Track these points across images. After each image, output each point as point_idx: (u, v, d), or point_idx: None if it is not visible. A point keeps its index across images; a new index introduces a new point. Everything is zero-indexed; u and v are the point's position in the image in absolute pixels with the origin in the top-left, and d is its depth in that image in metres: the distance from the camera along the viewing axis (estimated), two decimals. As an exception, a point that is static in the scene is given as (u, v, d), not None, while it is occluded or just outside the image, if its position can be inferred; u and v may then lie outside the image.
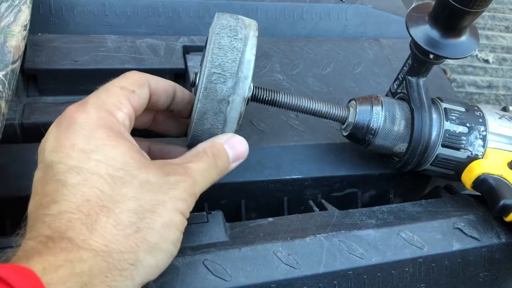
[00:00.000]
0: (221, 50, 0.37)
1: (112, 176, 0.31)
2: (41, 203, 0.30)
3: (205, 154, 0.37)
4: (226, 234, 0.39)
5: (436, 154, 0.46)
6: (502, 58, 1.50)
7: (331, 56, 0.63)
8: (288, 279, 0.37)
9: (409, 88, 0.48)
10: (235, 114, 0.38)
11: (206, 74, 0.37)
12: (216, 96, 0.37)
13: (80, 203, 0.29)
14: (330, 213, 0.44)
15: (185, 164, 0.35)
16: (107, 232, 0.29)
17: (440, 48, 0.44)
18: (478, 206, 0.46)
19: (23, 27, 0.45)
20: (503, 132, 0.47)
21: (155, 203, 0.31)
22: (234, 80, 0.37)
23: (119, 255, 0.29)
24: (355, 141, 0.47)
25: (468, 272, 0.42)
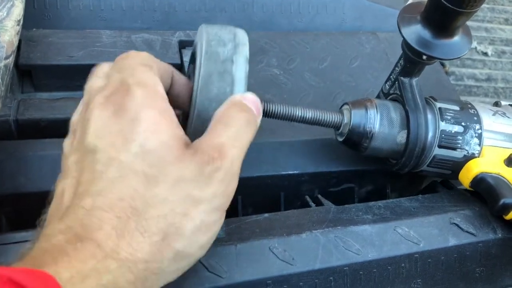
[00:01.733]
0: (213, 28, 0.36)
1: (146, 175, 0.29)
2: (75, 191, 0.29)
3: (230, 116, 0.33)
4: (222, 230, 0.38)
5: (433, 155, 0.46)
6: (501, 51, 1.50)
7: (328, 50, 0.62)
8: (284, 275, 0.37)
9: (403, 89, 0.47)
10: (241, 73, 0.36)
11: (204, 41, 0.35)
12: (219, 57, 0.35)
13: (114, 202, 0.28)
14: (326, 208, 0.44)
15: (217, 141, 0.32)
16: (133, 239, 0.27)
17: (432, 48, 0.44)
18: (475, 201, 0.46)
19: (17, 22, 0.44)
20: (498, 129, 0.47)
21: (188, 204, 0.29)
22: (233, 44, 0.36)
23: (143, 265, 0.28)
24: (351, 146, 0.47)
25: (465, 267, 0.42)
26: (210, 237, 0.31)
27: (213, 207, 0.30)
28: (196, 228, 0.30)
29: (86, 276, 0.25)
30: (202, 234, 0.30)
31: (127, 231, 0.27)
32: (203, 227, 0.30)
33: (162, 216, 0.29)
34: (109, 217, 0.27)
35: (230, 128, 0.32)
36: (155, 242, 0.28)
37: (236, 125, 0.33)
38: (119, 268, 0.27)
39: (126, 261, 0.27)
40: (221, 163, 0.31)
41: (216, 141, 0.32)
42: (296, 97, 0.56)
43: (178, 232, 0.29)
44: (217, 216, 0.31)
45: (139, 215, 0.28)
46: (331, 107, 0.56)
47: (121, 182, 0.28)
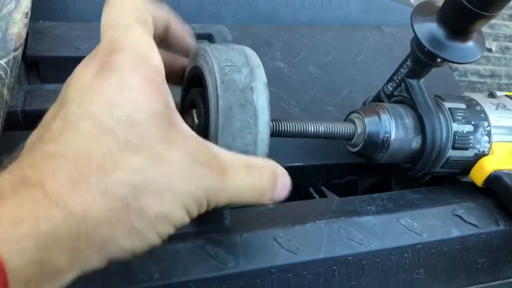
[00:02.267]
0: (221, 51, 0.34)
1: (127, 141, 0.26)
2: (41, 137, 0.27)
3: (260, 172, 0.32)
4: (227, 220, 0.39)
5: (447, 157, 0.45)
6: (505, 47, 1.49)
7: (332, 44, 0.62)
8: (288, 264, 0.37)
9: (412, 92, 0.46)
10: (263, 101, 0.33)
11: (216, 68, 0.33)
12: (237, 86, 0.32)
13: (80, 155, 0.25)
14: (330, 200, 0.44)
15: (226, 164, 0.30)
16: (90, 195, 0.24)
17: (446, 50, 0.42)
18: (477, 193, 0.46)
19: (25, 14, 0.45)
20: (503, 123, 0.46)
21: (163, 187, 0.27)
22: (249, 69, 0.33)
23: (93, 224, 0.25)
24: (366, 156, 0.45)
25: (467, 258, 0.43)
26: (170, 231, 0.28)
27: (185, 206, 0.28)
28: (162, 216, 0.27)
29: (19, 220, 0.23)
30: (164, 226, 0.28)
31: (84, 183, 0.25)
32: (168, 219, 0.28)
33: (131, 185, 0.26)
34: (68, 166, 0.25)
35: (249, 177, 0.31)
36: (114, 208, 0.25)
37: (254, 183, 0.31)
38: (63, 220, 0.24)
39: (75, 214, 0.24)
40: (215, 180, 0.29)
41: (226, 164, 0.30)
42: (300, 90, 0.57)
43: (142, 210, 0.26)
44: (184, 218, 0.29)
45: (105, 174, 0.25)
46: (336, 101, 0.56)
47: (94, 139, 0.26)
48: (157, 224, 0.27)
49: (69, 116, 0.26)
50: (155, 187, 0.27)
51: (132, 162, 0.26)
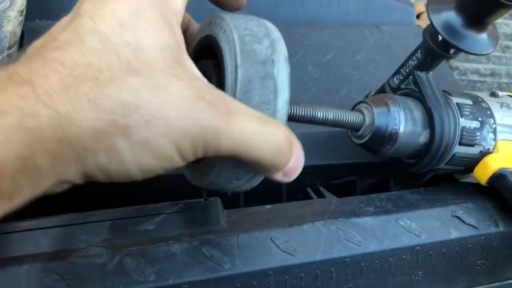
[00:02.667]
0: (240, 20, 0.31)
1: (130, 63, 0.26)
2: (46, 44, 0.26)
3: (276, 128, 0.29)
4: (224, 221, 0.39)
5: (453, 153, 0.44)
6: (506, 46, 1.49)
7: (331, 43, 0.62)
8: (285, 266, 0.37)
9: (421, 85, 0.45)
10: (284, 76, 0.30)
11: (236, 36, 0.30)
12: (258, 58, 0.30)
13: (80, 65, 0.25)
14: (328, 200, 0.44)
15: (235, 108, 0.28)
16: (78, 102, 0.24)
17: (462, 40, 0.41)
18: (477, 195, 0.46)
19: (19, 12, 0.44)
20: (508, 122, 0.46)
21: (156, 115, 0.26)
22: (270, 41, 0.30)
23: (77, 131, 0.24)
24: (371, 148, 0.44)
25: (466, 260, 0.42)
26: (154, 166, 0.27)
27: (177, 140, 0.27)
28: (146, 144, 0.26)
29: (5, 112, 0.23)
30: (148, 156, 0.26)
31: (76, 89, 0.24)
32: (153, 150, 0.26)
33: (122, 102, 0.25)
34: (63, 72, 0.25)
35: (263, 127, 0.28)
36: (99, 120, 0.25)
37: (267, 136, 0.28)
38: (49, 118, 0.24)
39: (61, 115, 0.24)
40: (219, 121, 0.27)
41: (235, 106, 0.28)
42: (299, 89, 0.56)
43: (127, 131, 0.25)
44: (175, 153, 0.27)
45: (98, 85, 0.25)
46: (334, 100, 0.56)
47: (97, 55, 0.26)
48: (139, 152, 0.26)
49: (79, 28, 0.26)
50: (147, 113, 0.26)
51: (129, 82, 0.26)
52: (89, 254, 0.34)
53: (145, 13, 0.27)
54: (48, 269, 0.33)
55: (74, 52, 0.25)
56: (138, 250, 0.35)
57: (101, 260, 0.34)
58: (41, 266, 0.33)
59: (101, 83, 0.25)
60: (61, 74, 0.25)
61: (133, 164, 0.26)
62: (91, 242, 0.36)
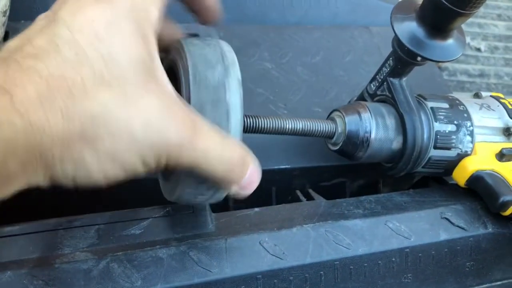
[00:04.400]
0: (196, 47, 0.33)
1: (103, 77, 0.27)
2: (22, 47, 0.27)
3: (233, 147, 0.31)
4: (212, 225, 0.38)
5: (428, 157, 0.45)
6: (494, 47, 1.50)
7: (320, 44, 0.62)
8: (274, 270, 0.36)
9: (394, 91, 0.46)
10: (236, 100, 0.32)
11: (190, 65, 0.32)
12: (210, 83, 0.32)
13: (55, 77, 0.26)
14: (317, 203, 0.44)
15: (201, 125, 0.30)
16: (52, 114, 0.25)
17: (426, 49, 0.42)
18: (466, 196, 0.46)
19: (3, 13, 0.44)
20: (486, 123, 0.46)
21: (123, 130, 0.27)
22: (223, 66, 0.32)
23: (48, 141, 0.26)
24: (346, 154, 0.45)
25: (455, 261, 0.42)
26: (119, 174, 0.28)
27: (142, 153, 0.28)
28: (112, 156, 0.27)
29: None
30: (113, 166, 0.28)
31: (50, 102, 0.26)
32: (119, 161, 0.28)
33: (92, 116, 0.26)
34: (40, 83, 0.26)
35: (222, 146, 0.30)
36: (70, 131, 0.26)
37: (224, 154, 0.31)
38: (24, 129, 0.25)
39: (35, 126, 0.25)
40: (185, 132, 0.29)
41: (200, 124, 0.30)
42: (288, 91, 0.56)
43: (94, 143, 0.27)
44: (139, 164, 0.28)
45: (71, 99, 0.26)
46: (324, 102, 0.56)
47: (72, 67, 0.26)
48: (105, 162, 0.27)
49: (56, 38, 0.27)
50: (115, 126, 0.27)
51: (101, 96, 0.27)
52: (74, 259, 0.34)
53: (120, 25, 0.28)
54: (32, 275, 0.32)
55: (51, 64, 0.26)
56: (124, 255, 0.34)
57: (86, 266, 0.33)
58: (25, 272, 0.32)
59: (75, 96, 0.26)
60: (37, 85, 0.25)
61: (98, 173, 0.28)
62: (76, 247, 0.35)
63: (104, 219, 0.37)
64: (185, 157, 0.29)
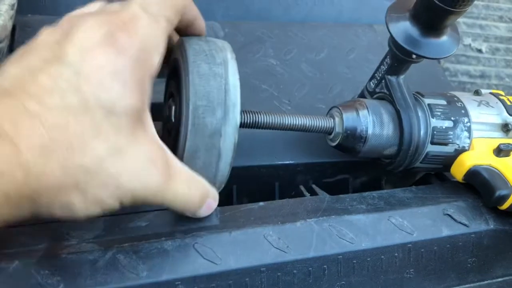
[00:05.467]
0: (202, 79, 0.33)
1: (100, 128, 0.28)
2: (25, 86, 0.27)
3: (196, 189, 0.35)
4: (217, 218, 0.38)
5: (426, 152, 0.46)
6: (495, 48, 1.50)
7: (325, 41, 0.62)
8: (278, 263, 0.37)
9: (391, 88, 0.47)
10: (229, 145, 0.35)
11: (191, 108, 0.33)
12: (207, 131, 0.33)
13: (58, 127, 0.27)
14: (320, 198, 0.44)
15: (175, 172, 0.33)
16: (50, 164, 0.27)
17: (421, 47, 0.43)
18: (468, 193, 0.46)
19: (10, 6, 0.44)
20: (484, 120, 0.47)
21: (111, 180, 0.29)
22: (224, 110, 0.33)
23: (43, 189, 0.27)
24: (344, 150, 0.46)
25: (457, 257, 0.43)
26: (97, 213, 0.31)
27: (123, 197, 0.31)
28: (98, 202, 0.30)
29: None
30: (96, 208, 0.30)
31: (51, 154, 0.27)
32: (102, 205, 0.30)
33: (87, 170, 0.28)
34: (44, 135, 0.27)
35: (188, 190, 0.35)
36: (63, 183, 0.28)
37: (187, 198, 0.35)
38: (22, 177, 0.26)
39: (31, 174, 0.26)
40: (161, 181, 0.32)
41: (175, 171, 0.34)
42: (292, 87, 0.56)
43: (85, 192, 0.29)
44: (117, 205, 0.31)
45: (71, 154, 0.27)
46: (328, 99, 0.56)
47: (75, 116, 0.27)
48: (90, 206, 0.30)
49: (61, 80, 0.28)
50: (105, 177, 0.29)
51: (97, 149, 0.28)
52: (81, 250, 0.34)
53: (125, 74, 0.29)
54: (39, 265, 0.32)
55: (54, 112, 0.27)
56: (130, 246, 0.34)
57: (93, 257, 0.34)
58: (32, 262, 0.32)
59: (74, 149, 0.28)
60: (41, 137, 0.27)
61: (81, 213, 0.30)
62: (83, 238, 0.35)
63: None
64: (157, 199, 0.33)
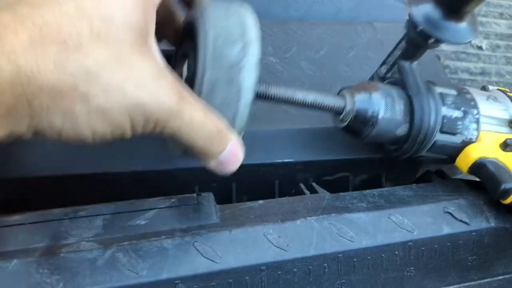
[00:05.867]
0: (221, 16, 0.32)
1: (99, 35, 0.27)
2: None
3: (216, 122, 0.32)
4: (217, 216, 0.38)
5: (434, 141, 0.45)
6: (496, 45, 1.50)
7: (324, 39, 0.62)
8: (278, 262, 0.37)
9: (404, 74, 0.46)
10: (249, 82, 0.32)
11: (210, 38, 0.31)
12: (226, 61, 0.31)
13: (50, 26, 0.25)
14: (321, 196, 0.44)
15: (187, 95, 0.30)
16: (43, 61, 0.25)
17: (441, 30, 0.43)
18: (469, 191, 0.46)
19: None
20: (493, 114, 0.47)
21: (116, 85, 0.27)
22: (243, 43, 0.32)
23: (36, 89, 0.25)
24: (353, 132, 0.45)
25: (457, 255, 0.43)
26: (106, 133, 0.28)
27: (132, 111, 0.28)
28: (102, 111, 0.27)
29: None
30: (102, 122, 0.28)
31: (43, 49, 0.25)
32: (108, 117, 0.28)
33: (86, 69, 0.26)
34: (33, 29, 0.25)
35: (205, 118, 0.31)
36: (61, 82, 0.26)
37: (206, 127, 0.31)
38: (10, 73, 0.24)
39: (22, 71, 0.25)
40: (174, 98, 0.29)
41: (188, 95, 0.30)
42: (292, 85, 0.56)
43: (86, 96, 0.27)
44: (127, 124, 0.28)
45: (65, 49, 0.26)
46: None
47: (70, 21, 0.26)
48: (94, 118, 0.27)
49: None
50: (108, 82, 0.27)
51: (96, 51, 0.27)
52: (80, 249, 0.34)
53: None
54: (38, 264, 0.32)
55: (47, 13, 0.26)
56: (130, 245, 0.34)
57: (92, 255, 0.33)
58: (31, 260, 0.32)
59: (69, 47, 0.26)
60: (30, 31, 0.25)
61: (86, 127, 0.28)
62: (82, 237, 0.35)
63: (110, 210, 0.37)
64: (172, 124, 0.30)
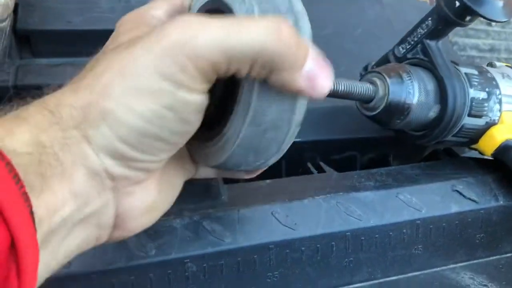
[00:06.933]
0: None
1: None
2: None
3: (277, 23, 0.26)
4: (225, 196, 0.38)
5: (461, 125, 0.43)
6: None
7: (330, 16, 0.61)
8: (286, 240, 0.37)
9: (432, 54, 0.43)
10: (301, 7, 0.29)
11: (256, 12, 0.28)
12: None
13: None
14: (328, 175, 0.44)
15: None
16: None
17: (481, 6, 0.40)
18: (477, 169, 0.46)
19: (13, -16, 0.43)
20: (510, 92, 0.45)
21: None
22: (293, 16, 0.28)
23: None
24: (382, 120, 0.42)
25: (465, 234, 0.43)
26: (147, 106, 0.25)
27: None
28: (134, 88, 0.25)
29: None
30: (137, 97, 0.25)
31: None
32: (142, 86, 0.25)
33: None
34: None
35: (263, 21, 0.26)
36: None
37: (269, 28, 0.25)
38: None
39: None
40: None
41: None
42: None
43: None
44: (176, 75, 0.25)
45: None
46: (335, 74, 0.55)
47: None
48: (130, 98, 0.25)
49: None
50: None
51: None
52: (89, 229, 0.34)
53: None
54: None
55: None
56: (138, 225, 0.35)
57: (101, 235, 0.34)
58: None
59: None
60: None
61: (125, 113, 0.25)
62: (91, 218, 0.35)
63: (118, 190, 0.38)
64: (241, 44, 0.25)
